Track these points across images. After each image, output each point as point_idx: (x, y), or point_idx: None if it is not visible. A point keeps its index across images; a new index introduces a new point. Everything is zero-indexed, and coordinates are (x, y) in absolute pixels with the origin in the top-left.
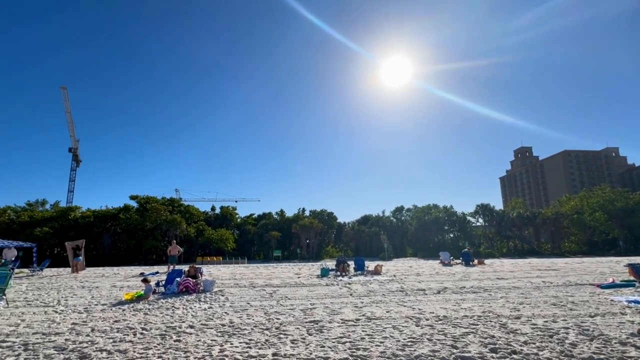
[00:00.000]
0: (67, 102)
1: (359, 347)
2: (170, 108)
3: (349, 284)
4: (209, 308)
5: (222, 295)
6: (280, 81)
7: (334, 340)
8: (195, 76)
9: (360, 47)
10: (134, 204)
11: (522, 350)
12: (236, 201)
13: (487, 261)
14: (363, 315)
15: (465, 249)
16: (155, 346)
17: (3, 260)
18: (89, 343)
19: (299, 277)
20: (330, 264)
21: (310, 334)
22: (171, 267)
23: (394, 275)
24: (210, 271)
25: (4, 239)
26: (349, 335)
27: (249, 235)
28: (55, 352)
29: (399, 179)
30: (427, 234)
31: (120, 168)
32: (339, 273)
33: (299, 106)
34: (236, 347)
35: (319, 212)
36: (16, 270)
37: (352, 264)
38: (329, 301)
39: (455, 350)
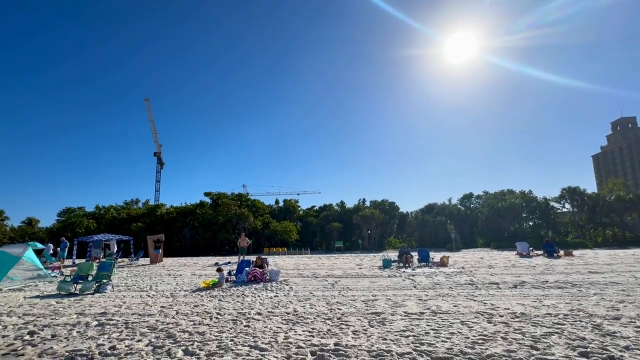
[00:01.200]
0: (150, 112)
1: (423, 341)
2: (233, 105)
3: (413, 275)
4: (274, 297)
5: (287, 285)
6: (338, 70)
7: (396, 333)
8: (255, 72)
9: (421, 25)
10: (207, 200)
11: (622, 357)
12: (298, 194)
13: (576, 252)
14: (428, 308)
15: (547, 239)
16: (228, 330)
17: (109, 252)
18: (174, 324)
19: (360, 268)
20: (393, 255)
21: (371, 326)
22: (241, 257)
23: (463, 267)
24: (276, 261)
25: (109, 233)
26: (413, 329)
27: (311, 227)
28: (148, 330)
29: (466, 165)
30: (501, 222)
31: (194, 162)
32: (401, 264)
33: (357, 94)
34: (300, 335)
35: (379, 202)
36: (118, 260)
37: (415, 255)
38: (391, 293)
39: (535, 352)
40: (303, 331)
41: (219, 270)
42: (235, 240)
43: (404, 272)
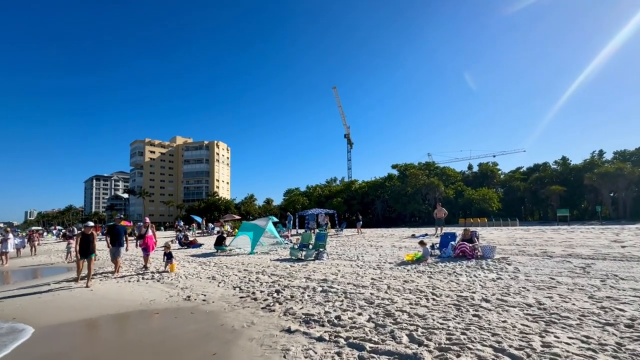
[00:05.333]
0: (337, 99)
1: None
2: (416, 75)
3: None
4: (497, 279)
5: (509, 264)
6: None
7: None
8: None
9: None
10: (395, 172)
11: None
12: (494, 155)
13: None
14: None
15: None
16: (453, 317)
17: (321, 224)
18: (389, 301)
19: (622, 246)
20: None
21: None
22: (439, 229)
23: None
24: (481, 234)
25: (318, 207)
26: None
27: (517, 193)
28: (365, 303)
29: None
30: None
31: (379, 137)
32: None
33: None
34: (567, 343)
35: (632, 152)
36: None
37: None
38: None
39: None
40: (569, 338)
41: (422, 243)
42: (426, 211)
43: None
